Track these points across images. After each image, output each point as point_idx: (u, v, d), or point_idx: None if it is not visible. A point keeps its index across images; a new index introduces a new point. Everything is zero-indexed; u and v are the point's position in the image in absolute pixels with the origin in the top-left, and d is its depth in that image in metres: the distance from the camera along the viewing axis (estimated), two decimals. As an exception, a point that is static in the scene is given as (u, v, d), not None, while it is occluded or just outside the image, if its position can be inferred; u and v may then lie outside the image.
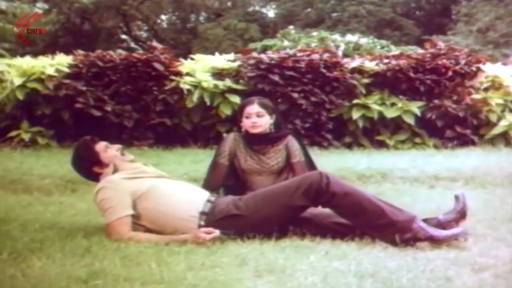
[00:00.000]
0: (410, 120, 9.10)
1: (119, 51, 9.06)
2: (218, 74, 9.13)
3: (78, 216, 4.40)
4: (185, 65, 9.10)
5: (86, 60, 8.71)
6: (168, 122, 8.88)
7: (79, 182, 5.43)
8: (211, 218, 3.69)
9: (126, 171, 3.88)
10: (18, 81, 8.05)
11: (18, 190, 5.60)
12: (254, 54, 9.30)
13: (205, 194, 3.89)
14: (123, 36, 30.61)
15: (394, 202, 4.89)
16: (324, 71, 9.13)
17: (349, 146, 9.10)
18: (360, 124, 9.12)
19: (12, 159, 6.97)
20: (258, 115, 4.44)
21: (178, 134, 8.98)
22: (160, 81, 8.84)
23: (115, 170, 3.89)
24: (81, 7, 27.42)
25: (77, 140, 8.56)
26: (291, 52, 9.51)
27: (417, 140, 9.21)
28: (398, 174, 6.46)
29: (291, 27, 20.84)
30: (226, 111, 8.84)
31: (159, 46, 9.27)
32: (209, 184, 4.49)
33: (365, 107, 9.13)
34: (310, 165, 4.57)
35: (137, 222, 3.74)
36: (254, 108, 4.46)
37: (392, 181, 6.27)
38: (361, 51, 16.95)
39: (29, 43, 26.61)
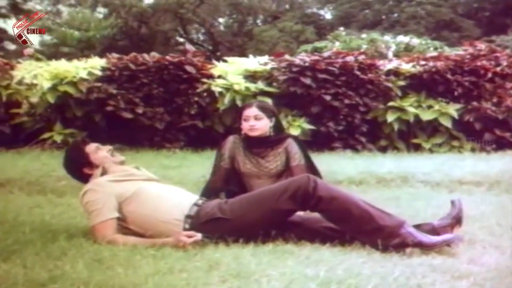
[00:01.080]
0: (447, 123, 8.89)
1: (153, 53, 9.06)
2: (251, 76, 9.09)
3: (77, 218, 4.38)
4: (217, 68, 9.10)
5: (119, 63, 8.80)
6: (199, 125, 8.89)
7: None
8: (195, 222, 3.64)
9: (114, 174, 3.87)
10: (47, 84, 8.17)
11: (33, 192, 5.66)
12: (287, 57, 9.21)
13: (193, 198, 3.84)
14: (180, 39, 30.91)
15: (407, 206, 4.89)
16: (358, 73, 8.99)
17: (384, 149, 8.93)
18: (396, 127, 8.95)
19: (36, 161, 7.07)
20: (256, 118, 4.39)
21: (211, 137, 8.97)
22: (192, 84, 8.86)
23: (104, 172, 3.88)
24: (139, 11, 27.85)
25: (110, 142, 8.75)
26: (325, 54, 9.39)
27: (455, 143, 8.99)
28: (421, 178, 6.30)
29: (342, 28, 20.57)
30: (258, 113, 8.78)
31: (192, 49, 9.30)
32: (210, 188, 4.46)
33: (401, 109, 8.96)
34: (311, 169, 4.48)
35: (123, 225, 3.72)
36: (252, 111, 4.40)
37: (412, 185, 6.12)
38: (412, 53, 16.64)
39: (88, 47, 27.28)
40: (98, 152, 3.96)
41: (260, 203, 3.62)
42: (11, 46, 27.47)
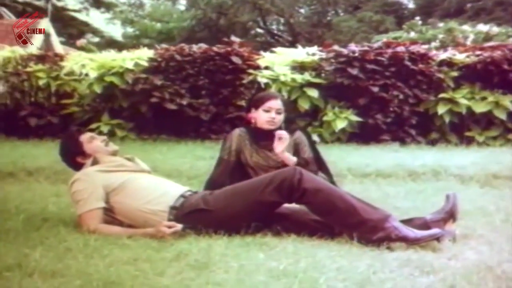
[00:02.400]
0: (502, 115, 8.55)
1: (200, 45, 9.08)
2: (299, 67, 8.99)
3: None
4: (264, 59, 9.03)
5: (166, 54, 8.86)
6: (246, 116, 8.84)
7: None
8: (180, 213, 3.63)
9: (104, 164, 3.90)
10: (93, 74, 8.32)
11: (58, 181, 5.75)
12: (335, 47, 9.05)
13: (181, 190, 3.82)
14: (259, 30, 30.98)
15: (425, 200, 4.73)
16: (408, 63, 8.75)
17: (434, 142, 8.66)
18: (447, 119, 8.66)
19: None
20: (278, 112, 4.30)
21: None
22: (237, 75, 8.83)
23: (95, 162, 3.91)
24: (218, 2, 28.03)
25: (156, 132, 8.84)
26: (375, 45, 9.18)
27: (510, 136, 8.62)
28: (454, 172, 6.11)
29: (418, 18, 20.10)
30: (304, 105, 8.70)
31: (237, 40, 9.26)
32: (214, 180, 4.40)
33: (452, 101, 8.67)
34: (319, 162, 4.40)
35: (111, 215, 3.75)
36: (277, 103, 4.29)
37: (443, 179, 5.95)
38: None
39: (167, 39, 27.72)
40: (92, 141, 3.99)
41: (245, 195, 3.59)
42: (95, 39, 28.34)
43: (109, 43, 25.05)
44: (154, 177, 3.99)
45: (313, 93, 8.64)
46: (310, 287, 2.62)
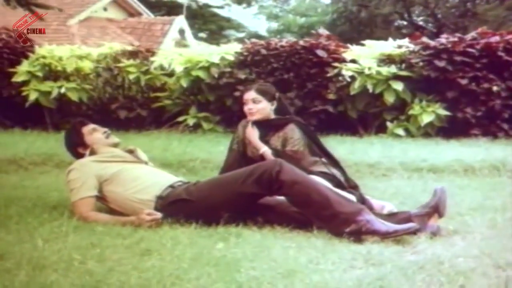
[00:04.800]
0: None
1: (288, 39, 9.14)
2: (387, 60, 8.79)
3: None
4: (350, 52, 8.92)
5: (252, 48, 8.99)
6: (330, 109, 8.81)
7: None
8: (164, 202, 3.77)
9: (100, 155, 4.10)
10: (179, 68, 8.61)
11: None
12: (423, 39, 8.76)
13: (171, 180, 3.96)
14: (401, 22, 30.30)
15: (463, 197, 4.62)
16: (502, 54, 8.32)
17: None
18: (543, 113, 8.17)
19: (151, 141, 7.49)
20: (255, 101, 4.35)
21: (343, 122, 8.86)
22: (322, 68, 8.79)
23: (92, 152, 4.12)
24: (360, -5, 27.74)
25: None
26: (469, 35, 8.79)
27: None
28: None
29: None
30: (389, 98, 8.52)
31: (325, 33, 9.21)
32: (224, 171, 4.50)
33: (549, 94, 8.16)
34: (318, 154, 4.37)
35: (105, 203, 3.96)
36: (250, 94, 4.38)
37: (497, 175, 5.83)
38: None
39: (308, 33, 27.84)
40: (93, 133, 4.20)
41: (226, 186, 3.69)
42: (239, 34, 28.98)
43: (254, 38, 25.51)
44: (149, 168, 4.14)
45: (398, 86, 8.43)
46: (247, 276, 2.66)
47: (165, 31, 19.32)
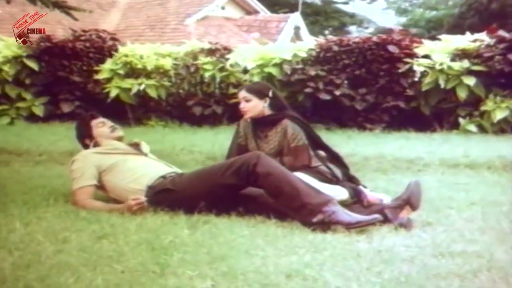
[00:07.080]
0: None
1: (362, 35, 9.12)
2: (461, 55, 8.59)
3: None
4: (423, 47, 8.79)
5: (325, 45, 9.07)
6: (403, 106, 8.74)
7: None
8: (152, 192, 4.03)
9: (102, 147, 4.42)
10: (251, 65, 8.84)
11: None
12: (500, 32, 8.47)
13: (164, 171, 4.20)
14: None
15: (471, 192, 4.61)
16: None
17: None
18: None
19: (203, 136, 7.77)
20: (246, 100, 4.51)
21: (415, 118, 8.76)
22: (394, 64, 8.74)
23: (96, 144, 4.44)
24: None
25: (314, 121, 9.12)
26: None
27: None
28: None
29: None
30: (462, 94, 8.34)
31: (398, 28, 9.10)
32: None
33: None
34: (316, 147, 4.46)
35: (105, 192, 4.27)
36: (241, 93, 4.53)
37: None
38: None
39: (435, 27, 27.14)
40: (100, 127, 4.52)
41: (206, 177, 3.87)
42: (366, 30, 28.75)
43: (382, 33, 25.19)
44: (146, 160, 4.36)
45: (470, 81, 8.24)
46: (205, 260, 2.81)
47: (280, 28, 19.53)
